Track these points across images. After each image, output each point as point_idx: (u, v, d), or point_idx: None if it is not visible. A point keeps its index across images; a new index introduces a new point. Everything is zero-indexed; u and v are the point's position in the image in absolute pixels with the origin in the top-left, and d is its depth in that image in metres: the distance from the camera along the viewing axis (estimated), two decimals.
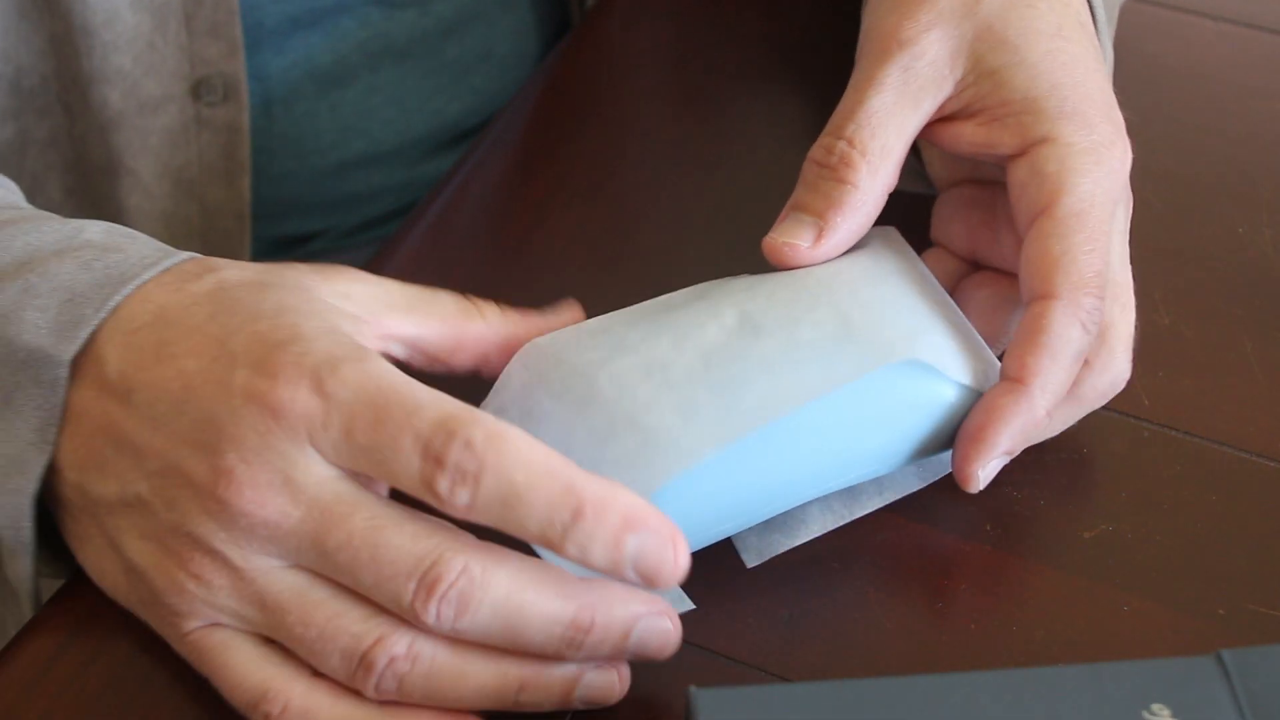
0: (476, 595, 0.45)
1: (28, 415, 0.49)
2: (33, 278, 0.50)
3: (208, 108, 0.72)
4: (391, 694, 0.46)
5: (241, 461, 0.46)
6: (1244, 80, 0.74)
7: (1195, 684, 0.43)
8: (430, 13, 0.79)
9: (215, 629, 0.48)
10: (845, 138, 0.55)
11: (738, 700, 0.43)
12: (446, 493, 0.44)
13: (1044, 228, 0.53)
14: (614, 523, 0.45)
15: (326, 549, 0.46)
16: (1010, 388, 0.52)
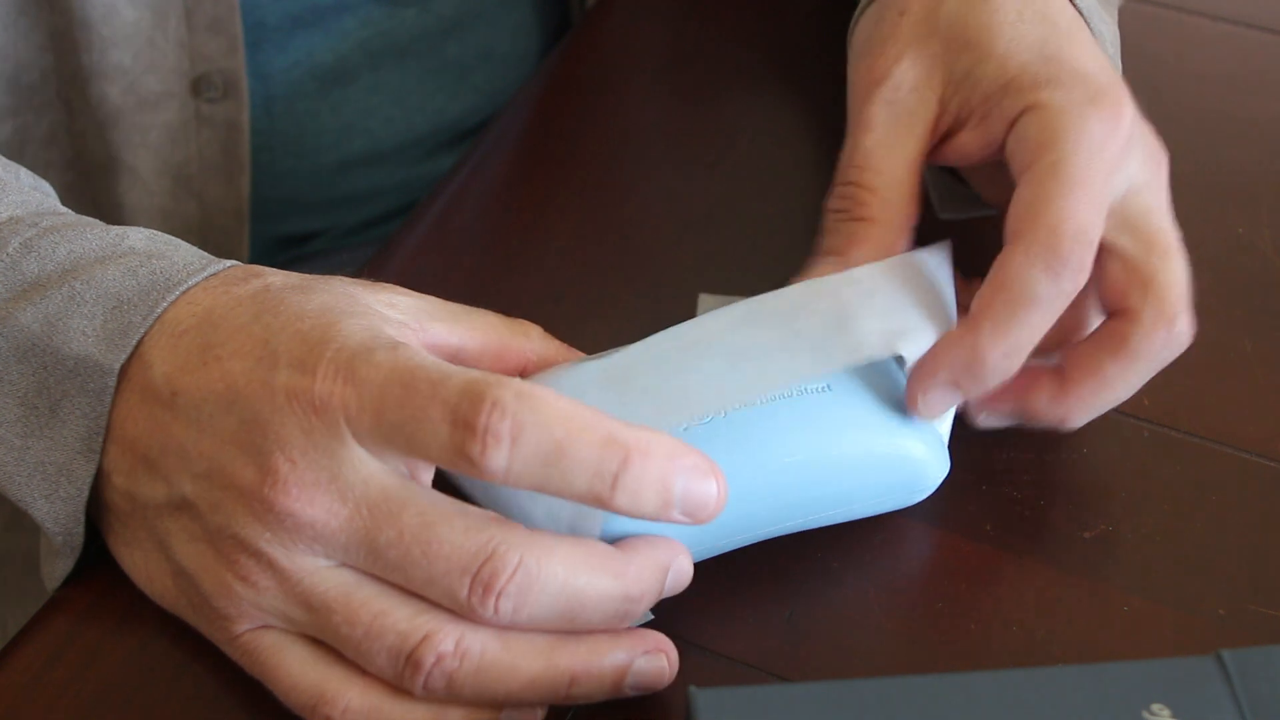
0: (536, 586, 0.45)
1: (75, 424, 0.49)
2: (78, 285, 0.50)
3: (207, 104, 0.72)
4: (440, 692, 0.46)
5: (287, 461, 0.46)
6: (1244, 80, 0.74)
7: (1195, 684, 0.43)
8: (431, 11, 0.79)
9: (266, 631, 0.48)
10: (851, 181, 0.56)
11: (738, 700, 0.43)
12: (479, 457, 0.44)
13: (1022, 184, 0.53)
14: (661, 466, 0.45)
15: (377, 546, 0.45)
16: (962, 323, 0.52)
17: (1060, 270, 0.50)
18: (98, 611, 0.52)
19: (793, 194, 0.68)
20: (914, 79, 0.56)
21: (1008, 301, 0.51)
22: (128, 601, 0.53)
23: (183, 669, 0.51)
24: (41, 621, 0.52)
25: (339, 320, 0.48)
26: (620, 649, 0.47)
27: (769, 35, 0.76)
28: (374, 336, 0.47)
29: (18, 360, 0.50)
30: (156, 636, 0.52)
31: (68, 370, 0.49)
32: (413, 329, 0.50)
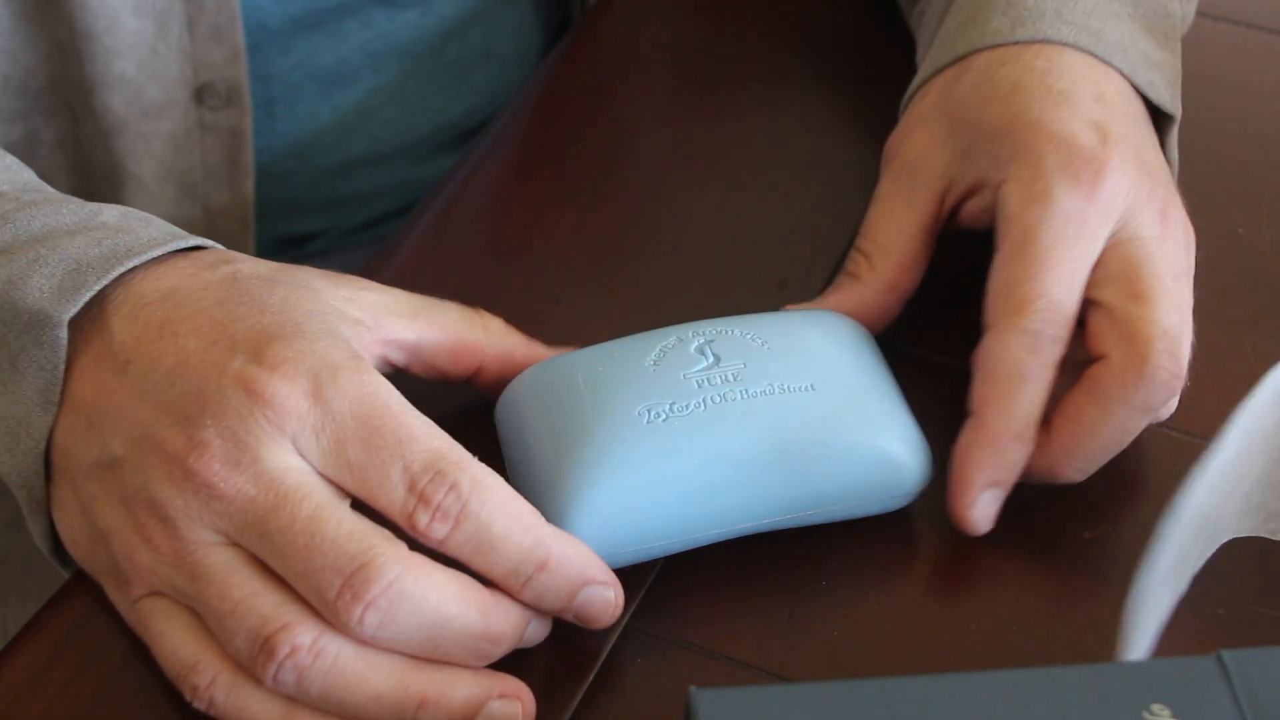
0: (406, 607, 0.46)
1: (33, 377, 0.51)
2: (44, 250, 0.52)
3: (210, 112, 0.72)
4: (289, 688, 0.47)
5: (218, 436, 0.47)
6: (1244, 80, 0.74)
7: (1195, 684, 0.43)
8: (432, 13, 0.79)
9: (159, 599, 0.49)
10: (855, 247, 0.60)
11: (738, 700, 0.43)
12: (425, 527, 0.47)
13: (995, 262, 0.55)
14: (571, 578, 0.49)
15: (268, 530, 0.47)
16: (970, 423, 0.54)
17: (1037, 346, 0.53)
18: (98, 611, 0.52)
19: (793, 194, 0.68)
20: (917, 156, 0.60)
21: (1001, 387, 0.53)
22: None
23: None
24: (41, 621, 0.53)
25: (301, 320, 0.50)
26: (477, 686, 0.48)
27: (769, 35, 0.76)
28: (335, 347, 0.49)
29: None
30: None
31: (23, 325, 0.51)
32: (369, 327, 0.52)
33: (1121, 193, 0.55)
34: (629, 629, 0.52)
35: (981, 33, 0.60)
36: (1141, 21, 0.62)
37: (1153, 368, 0.53)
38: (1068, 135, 0.56)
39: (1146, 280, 0.54)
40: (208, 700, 0.48)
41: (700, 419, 0.52)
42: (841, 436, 0.52)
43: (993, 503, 0.54)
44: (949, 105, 0.60)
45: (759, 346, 0.54)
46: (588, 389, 0.52)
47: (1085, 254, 0.54)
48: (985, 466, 0.53)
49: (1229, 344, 0.61)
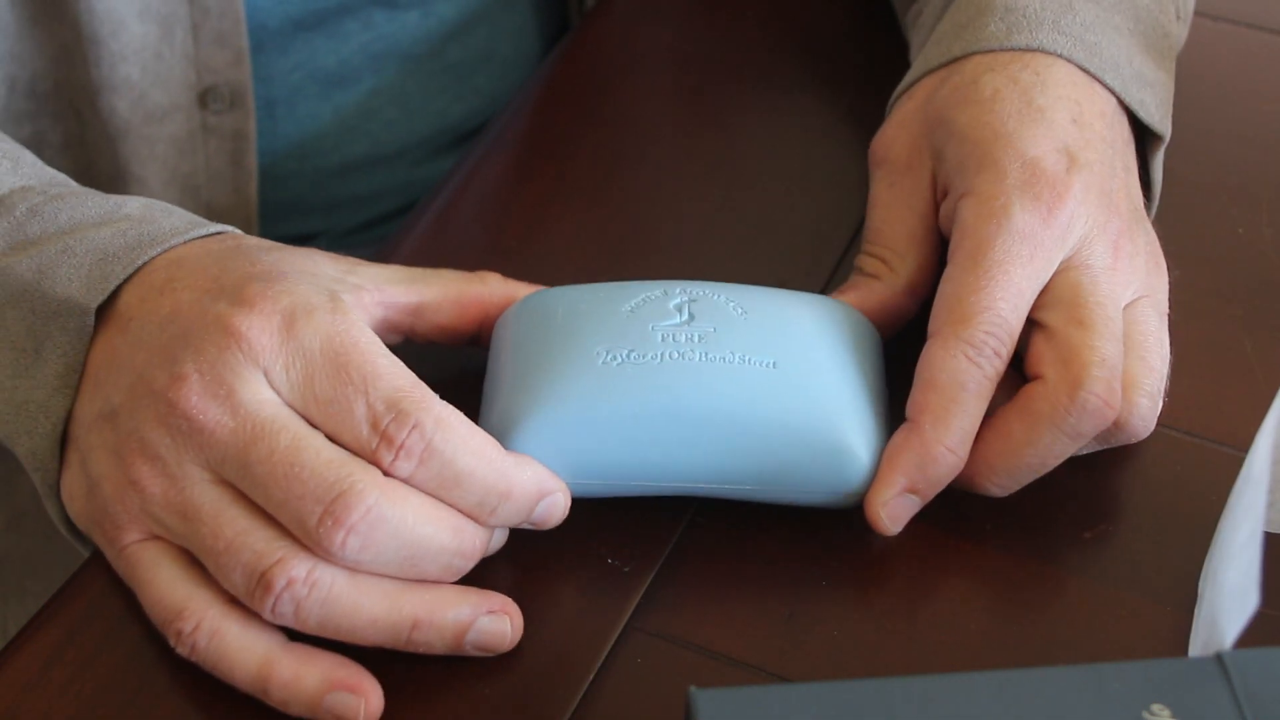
0: (383, 529, 0.48)
1: (55, 363, 0.53)
2: (71, 241, 0.54)
3: (214, 116, 0.72)
4: (287, 619, 0.49)
5: (196, 371, 0.50)
6: (1244, 80, 0.74)
7: (1195, 684, 0.43)
8: (433, 14, 0.79)
9: (148, 544, 0.51)
10: (865, 252, 0.60)
11: (738, 700, 0.43)
12: (389, 464, 0.49)
13: (946, 273, 0.55)
14: (530, 499, 0.51)
15: (249, 461, 0.49)
16: (904, 428, 0.53)
17: (978, 358, 0.53)
18: (98, 611, 0.53)
19: (793, 194, 0.68)
20: (907, 157, 0.60)
21: (940, 395, 0.53)
22: (128, 601, 0.53)
23: (183, 669, 0.51)
24: (41, 621, 0.53)
25: (288, 271, 0.52)
26: (466, 604, 0.51)
27: (768, 36, 0.76)
28: (316, 292, 0.51)
29: (11, 305, 0.54)
30: (156, 636, 0.52)
31: (52, 311, 0.53)
32: (369, 290, 0.54)
33: (1080, 220, 0.55)
34: (629, 629, 0.52)
35: (976, 36, 0.60)
36: (1140, 39, 0.62)
37: (1085, 394, 0.52)
38: (1035, 156, 0.56)
39: (1090, 308, 0.54)
40: (190, 646, 0.50)
41: (652, 370, 0.52)
42: (787, 418, 0.52)
43: (907, 507, 0.53)
44: (931, 107, 0.60)
45: (737, 315, 0.54)
46: (562, 322, 0.54)
47: (1036, 274, 0.54)
48: (909, 471, 0.52)
49: (1229, 344, 0.61)
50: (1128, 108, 0.60)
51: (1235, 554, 0.45)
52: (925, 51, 0.62)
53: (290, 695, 0.49)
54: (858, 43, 0.75)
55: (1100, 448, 0.56)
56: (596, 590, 0.54)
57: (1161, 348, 0.56)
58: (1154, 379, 0.55)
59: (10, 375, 0.53)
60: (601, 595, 0.53)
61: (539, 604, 0.53)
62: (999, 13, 0.60)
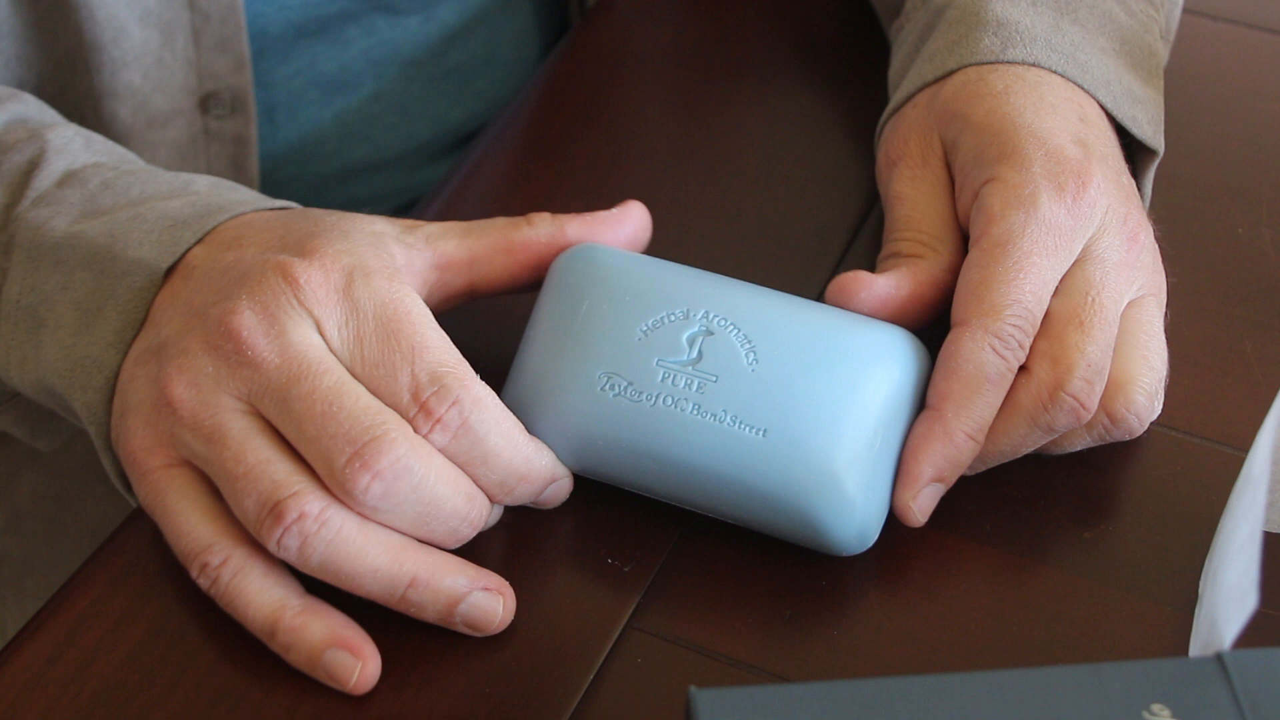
0: (407, 481, 0.50)
1: (113, 319, 0.54)
2: (142, 210, 0.56)
3: (216, 121, 0.72)
4: (291, 553, 0.50)
5: (250, 305, 0.52)
6: (1244, 80, 0.74)
7: (1195, 684, 0.43)
8: (434, 19, 0.79)
9: (175, 470, 0.52)
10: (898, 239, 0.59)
11: (738, 700, 0.43)
12: (425, 433, 0.51)
13: (971, 258, 0.55)
14: (543, 483, 0.53)
15: (289, 396, 0.50)
16: (926, 416, 0.54)
17: (1004, 350, 0.53)
18: (98, 611, 0.53)
19: (793, 194, 0.68)
20: (922, 153, 0.60)
21: (964, 384, 0.53)
22: (128, 601, 0.53)
23: (182, 670, 0.51)
24: (41, 621, 0.53)
25: (352, 231, 0.54)
26: (464, 574, 0.52)
27: (769, 36, 0.76)
28: (377, 255, 0.53)
29: (83, 267, 0.55)
30: (156, 637, 0.52)
31: (121, 271, 0.55)
32: (423, 250, 0.56)
33: (1100, 208, 0.56)
34: (629, 629, 0.52)
35: (971, 50, 0.60)
36: (1126, 59, 0.62)
37: (1064, 394, 0.53)
38: (1057, 145, 0.56)
39: (1092, 308, 0.54)
40: (212, 579, 0.51)
41: (644, 412, 0.53)
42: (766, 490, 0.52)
43: (934, 496, 0.54)
44: (937, 105, 0.60)
45: (747, 366, 0.53)
46: (583, 321, 0.54)
47: (1060, 264, 0.55)
48: (935, 461, 0.53)
49: (1229, 344, 0.61)
50: (1119, 124, 0.60)
51: (1235, 554, 0.45)
52: (917, 68, 0.63)
53: (293, 641, 0.50)
54: (858, 42, 0.75)
55: (1097, 443, 0.56)
56: (596, 590, 0.54)
57: (1162, 347, 0.56)
58: (1152, 377, 0.55)
59: (72, 334, 0.55)
60: (601, 595, 0.53)
61: (539, 604, 0.53)
62: (991, 28, 0.61)
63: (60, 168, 0.58)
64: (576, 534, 0.55)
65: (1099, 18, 0.62)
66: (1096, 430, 0.55)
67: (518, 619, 0.53)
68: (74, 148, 0.59)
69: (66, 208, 0.57)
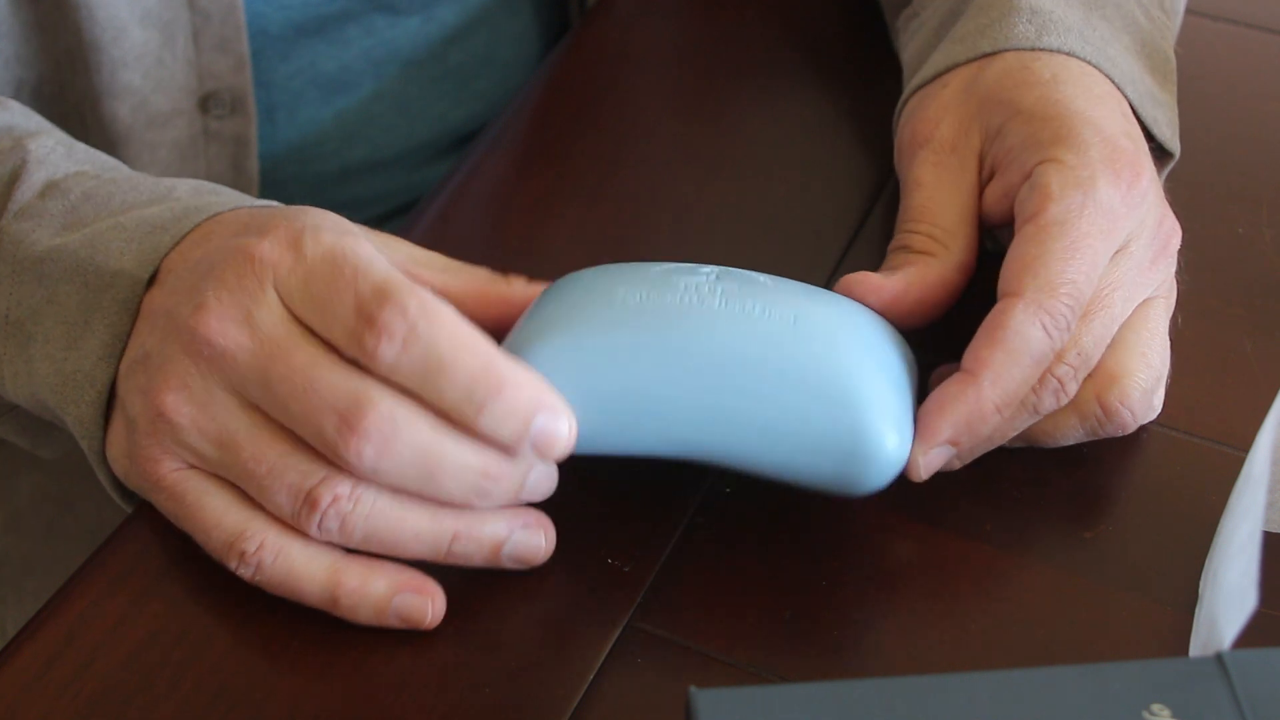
0: (399, 438, 0.49)
1: (100, 332, 0.54)
2: (123, 219, 0.56)
3: (215, 121, 0.72)
4: (333, 534, 0.50)
5: (215, 298, 0.51)
6: (1244, 80, 0.74)
7: (1195, 684, 0.43)
8: (434, 19, 0.79)
9: (191, 474, 0.52)
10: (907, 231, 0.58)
11: (738, 700, 0.43)
12: (372, 349, 0.49)
13: (1026, 233, 0.54)
14: (526, 402, 0.49)
15: (270, 380, 0.50)
16: (959, 378, 0.53)
17: (1053, 329, 0.52)
18: (98, 611, 0.53)
19: (794, 194, 0.68)
20: (954, 138, 0.59)
21: (1007, 355, 0.52)
22: (128, 601, 0.53)
23: (182, 670, 0.51)
24: (41, 621, 0.53)
25: (321, 213, 0.53)
26: (501, 520, 0.52)
27: (769, 35, 0.76)
28: (337, 222, 0.53)
29: (66, 281, 0.55)
30: (156, 637, 0.52)
31: (104, 284, 0.54)
32: (394, 249, 0.56)
33: (1149, 204, 0.56)
34: (629, 629, 0.52)
35: (1006, 35, 0.60)
36: (1146, 61, 0.62)
37: (1050, 376, 0.53)
38: (1111, 134, 0.56)
39: (1105, 300, 0.54)
40: (255, 565, 0.51)
41: (669, 308, 0.52)
42: (803, 369, 0.51)
43: (942, 459, 0.53)
44: (979, 89, 0.59)
45: (766, 281, 0.53)
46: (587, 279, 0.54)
47: (1110, 249, 0.54)
48: (958, 423, 0.52)
49: (1229, 344, 0.61)
50: (1141, 122, 0.60)
51: (1235, 554, 0.45)
52: (945, 48, 0.62)
53: (359, 600, 0.51)
54: (858, 42, 0.75)
55: (1089, 438, 0.56)
56: (596, 590, 0.54)
57: (1164, 348, 0.56)
58: (1149, 375, 0.55)
59: (61, 348, 0.55)
60: (601, 595, 0.53)
61: (539, 604, 0.53)
62: (1025, 15, 0.60)
63: (42, 178, 0.58)
64: (576, 534, 0.55)
65: (1123, 18, 0.62)
66: (1090, 423, 0.55)
67: (518, 619, 0.53)
68: (55, 157, 0.59)
69: (48, 220, 0.56)
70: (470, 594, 0.53)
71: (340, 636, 0.52)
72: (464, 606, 0.53)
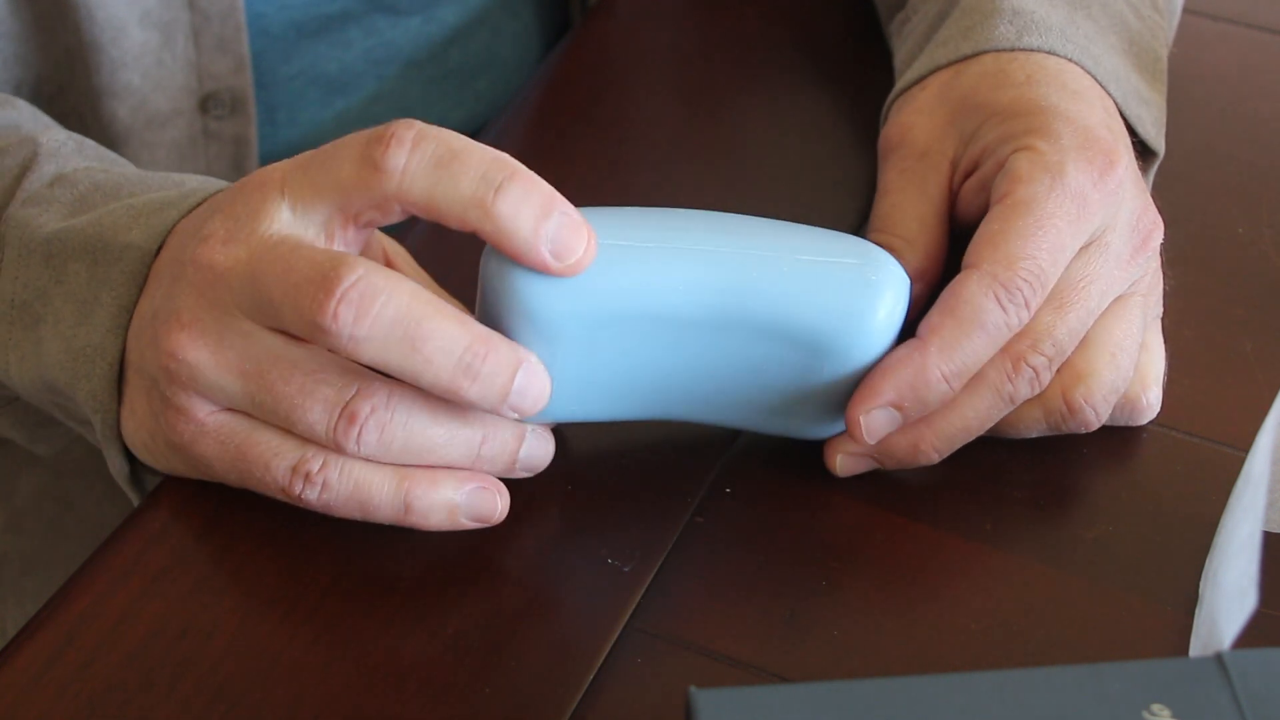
0: (377, 299, 0.47)
1: (109, 304, 0.54)
2: (132, 201, 0.56)
3: (215, 121, 0.72)
4: (371, 446, 0.50)
5: (220, 225, 0.51)
6: (1244, 80, 0.74)
7: (1195, 684, 0.43)
8: (435, 20, 0.79)
9: (229, 414, 0.52)
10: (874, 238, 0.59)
11: (738, 700, 0.43)
12: (382, 158, 0.48)
13: (992, 213, 0.55)
14: (542, 193, 0.49)
15: (255, 275, 0.49)
16: (909, 343, 0.53)
17: (1008, 303, 0.52)
18: (98, 611, 0.53)
19: (792, 194, 0.68)
20: (925, 143, 0.60)
21: (957, 324, 0.52)
22: (126, 602, 0.53)
23: (182, 670, 0.51)
24: (41, 622, 0.53)
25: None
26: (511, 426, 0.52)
27: (769, 35, 0.76)
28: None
29: (75, 259, 0.55)
30: (156, 637, 0.52)
31: (113, 257, 0.54)
32: None
33: (1124, 194, 0.55)
34: (629, 629, 0.52)
35: (987, 37, 0.60)
36: (1134, 60, 0.62)
37: (1025, 366, 0.53)
38: (1086, 125, 0.56)
39: (1078, 292, 0.54)
40: (321, 482, 0.50)
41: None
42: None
43: (887, 423, 0.53)
44: (954, 93, 0.60)
45: None
46: None
47: (1078, 236, 0.54)
48: (900, 386, 0.52)
49: (1229, 344, 0.61)
50: (1126, 120, 0.60)
51: (1235, 554, 0.45)
52: (929, 52, 0.62)
53: (430, 503, 0.51)
54: (858, 42, 0.75)
55: (1051, 433, 0.56)
56: (596, 590, 0.54)
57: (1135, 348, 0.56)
58: (1116, 375, 0.55)
59: (71, 325, 0.54)
60: (601, 595, 0.53)
61: (539, 604, 0.53)
62: (1007, 16, 0.61)
63: (51, 170, 0.58)
64: (576, 534, 0.55)
65: (1110, 16, 0.62)
66: (1053, 418, 0.55)
67: (519, 619, 0.53)
68: (66, 151, 0.59)
69: (56, 206, 0.57)
70: (470, 594, 0.53)
71: (340, 636, 0.52)
72: (464, 606, 0.53)
